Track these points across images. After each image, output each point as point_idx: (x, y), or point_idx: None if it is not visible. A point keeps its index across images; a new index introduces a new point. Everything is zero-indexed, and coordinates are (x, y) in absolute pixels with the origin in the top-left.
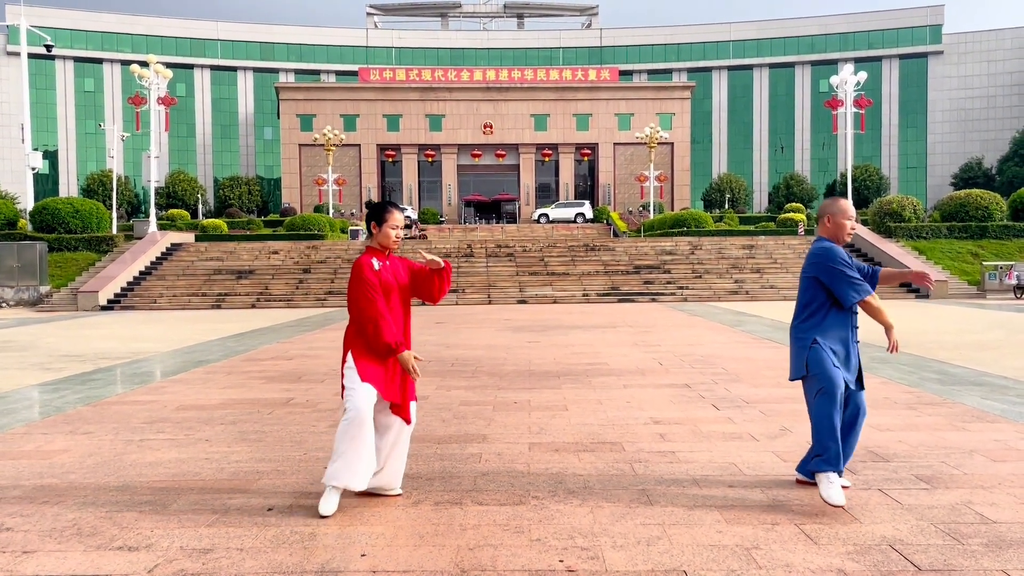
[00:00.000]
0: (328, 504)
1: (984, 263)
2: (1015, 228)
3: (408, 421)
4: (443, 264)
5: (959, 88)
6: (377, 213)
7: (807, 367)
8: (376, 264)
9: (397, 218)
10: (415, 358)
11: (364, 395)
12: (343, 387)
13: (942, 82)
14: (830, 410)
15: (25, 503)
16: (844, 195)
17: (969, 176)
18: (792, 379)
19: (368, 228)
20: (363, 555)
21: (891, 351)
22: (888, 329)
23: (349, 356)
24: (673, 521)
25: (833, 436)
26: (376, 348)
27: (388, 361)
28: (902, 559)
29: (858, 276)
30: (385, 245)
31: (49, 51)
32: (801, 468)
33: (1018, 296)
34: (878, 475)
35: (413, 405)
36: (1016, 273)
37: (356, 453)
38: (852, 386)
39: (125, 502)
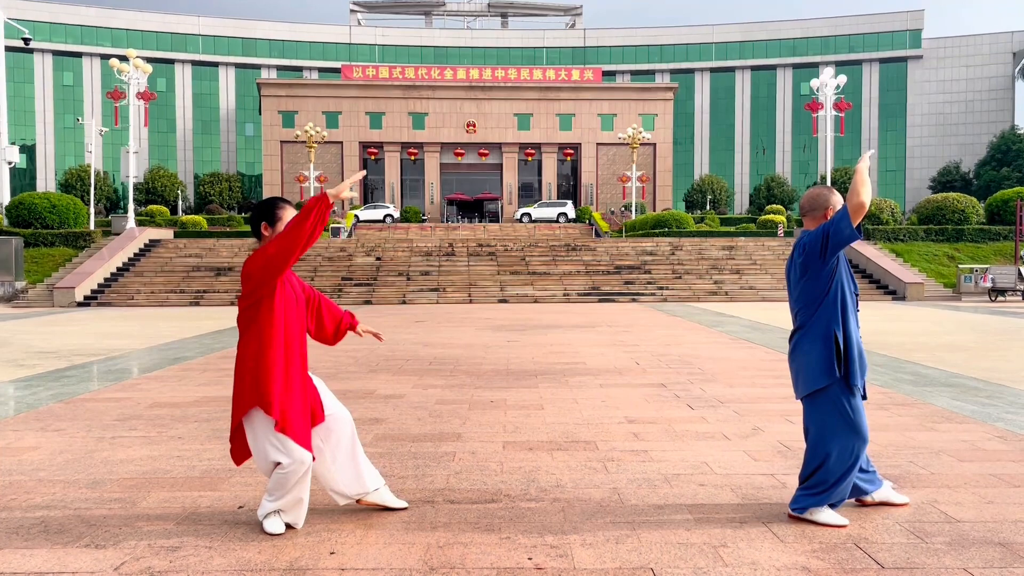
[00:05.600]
0: (277, 524)
1: (960, 266)
2: (991, 231)
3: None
4: (381, 339)
5: (938, 92)
6: (268, 212)
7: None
8: None
9: (291, 215)
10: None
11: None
12: (235, 435)
13: (921, 86)
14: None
15: None
16: None
17: (947, 179)
18: (804, 395)
19: (257, 230)
20: (332, 553)
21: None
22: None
23: (257, 410)
24: (643, 520)
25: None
26: (314, 219)
27: (296, 390)
28: (866, 557)
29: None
30: None
31: (27, 44)
32: (797, 505)
33: (993, 299)
34: None
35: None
36: (991, 276)
37: (304, 493)
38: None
39: (94, 500)
